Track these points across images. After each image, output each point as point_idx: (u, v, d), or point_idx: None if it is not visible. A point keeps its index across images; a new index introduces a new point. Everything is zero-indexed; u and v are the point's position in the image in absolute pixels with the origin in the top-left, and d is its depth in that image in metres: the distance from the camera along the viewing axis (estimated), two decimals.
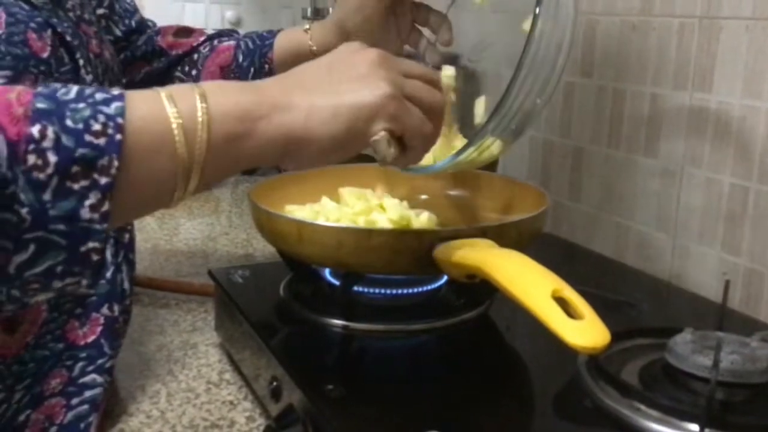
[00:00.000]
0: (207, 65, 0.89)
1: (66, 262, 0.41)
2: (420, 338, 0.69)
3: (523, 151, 1.13)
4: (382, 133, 0.51)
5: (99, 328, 0.65)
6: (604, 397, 0.55)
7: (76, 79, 0.64)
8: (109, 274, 0.66)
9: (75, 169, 0.40)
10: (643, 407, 0.53)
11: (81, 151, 0.40)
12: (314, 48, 0.84)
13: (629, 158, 0.94)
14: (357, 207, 0.77)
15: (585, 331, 0.49)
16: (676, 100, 0.87)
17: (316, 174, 0.85)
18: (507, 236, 0.66)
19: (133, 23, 0.89)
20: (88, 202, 0.41)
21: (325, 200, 0.81)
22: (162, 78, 0.90)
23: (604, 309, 0.52)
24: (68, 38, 0.64)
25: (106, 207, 0.41)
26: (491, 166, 1.15)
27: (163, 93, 0.45)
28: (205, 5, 1.87)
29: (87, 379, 0.63)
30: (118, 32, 0.88)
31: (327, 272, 0.76)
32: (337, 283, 0.73)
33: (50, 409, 0.61)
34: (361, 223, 0.73)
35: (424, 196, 0.86)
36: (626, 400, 0.54)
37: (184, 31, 0.92)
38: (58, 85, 0.43)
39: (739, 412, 0.53)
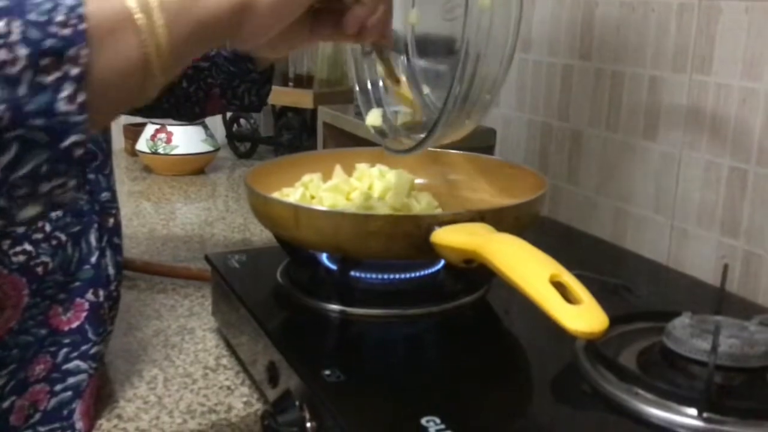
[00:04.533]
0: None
1: (50, 160, 0.42)
2: (417, 323, 0.69)
3: (520, 134, 1.13)
4: None
5: (83, 314, 0.64)
6: (602, 382, 0.55)
7: None
8: (93, 259, 0.66)
9: (45, 61, 0.41)
10: (641, 391, 0.53)
11: (49, 42, 0.41)
12: None
13: (628, 141, 0.94)
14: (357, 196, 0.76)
15: (583, 315, 0.49)
16: (675, 83, 0.87)
17: (312, 158, 0.84)
18: (505, 220, 0.65)
19: None
20: (63, 95, 0.41)
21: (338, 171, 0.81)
22: None
23: (602, 293, 0.52)
24: None
25: (81, 97, 0.42)
26: (488, 149, 1.15)
27: None
28: None
29: (71, 365, 0.63)
30: None
31: (324, 257, 0.75)
32: (334, 268, 0.73)
33: (35, 395, 0.61)
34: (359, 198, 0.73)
35: (421, 180, 0.86)
36: (624, 384, 0.54)
37: None
38: None
39: (737, 396, 0.53)
